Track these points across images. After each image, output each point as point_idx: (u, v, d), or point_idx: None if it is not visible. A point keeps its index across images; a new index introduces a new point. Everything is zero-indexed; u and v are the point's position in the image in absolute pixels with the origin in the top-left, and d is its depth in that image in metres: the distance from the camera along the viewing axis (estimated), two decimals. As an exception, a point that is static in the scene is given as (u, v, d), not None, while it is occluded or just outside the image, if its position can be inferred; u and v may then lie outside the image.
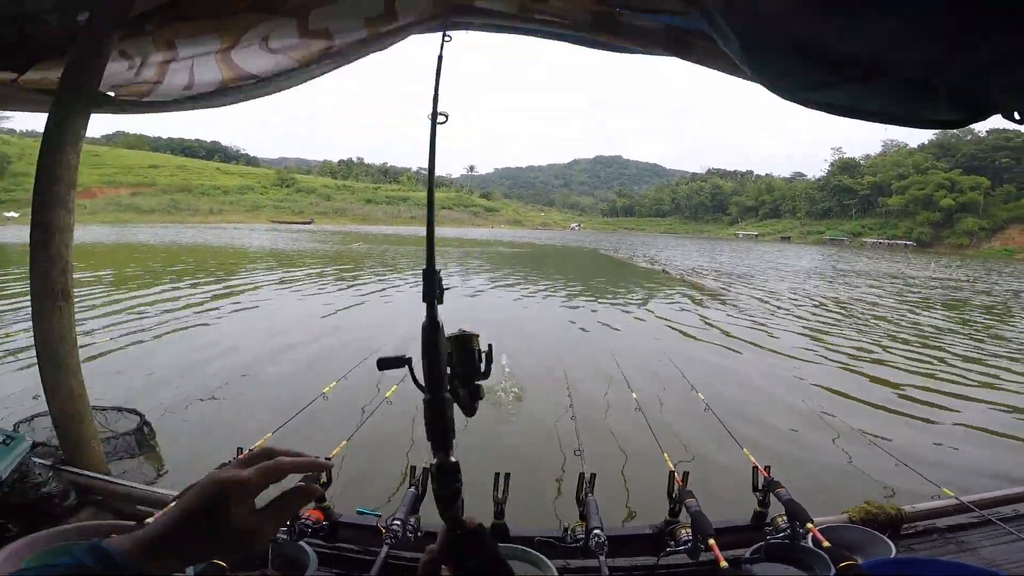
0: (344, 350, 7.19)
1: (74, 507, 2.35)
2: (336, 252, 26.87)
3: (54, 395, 2.47)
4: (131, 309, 9.60)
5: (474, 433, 4.38)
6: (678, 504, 2.21)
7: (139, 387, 5.34)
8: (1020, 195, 76.11)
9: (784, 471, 2.49)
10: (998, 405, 6.19)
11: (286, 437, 2.89)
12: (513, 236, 61.26)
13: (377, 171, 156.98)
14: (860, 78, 1.02)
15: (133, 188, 79.55)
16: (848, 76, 1.03)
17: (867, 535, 2.21)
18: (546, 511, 3.32)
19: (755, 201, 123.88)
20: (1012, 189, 77.73)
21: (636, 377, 5.10)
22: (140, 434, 3.79)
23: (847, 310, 13.59)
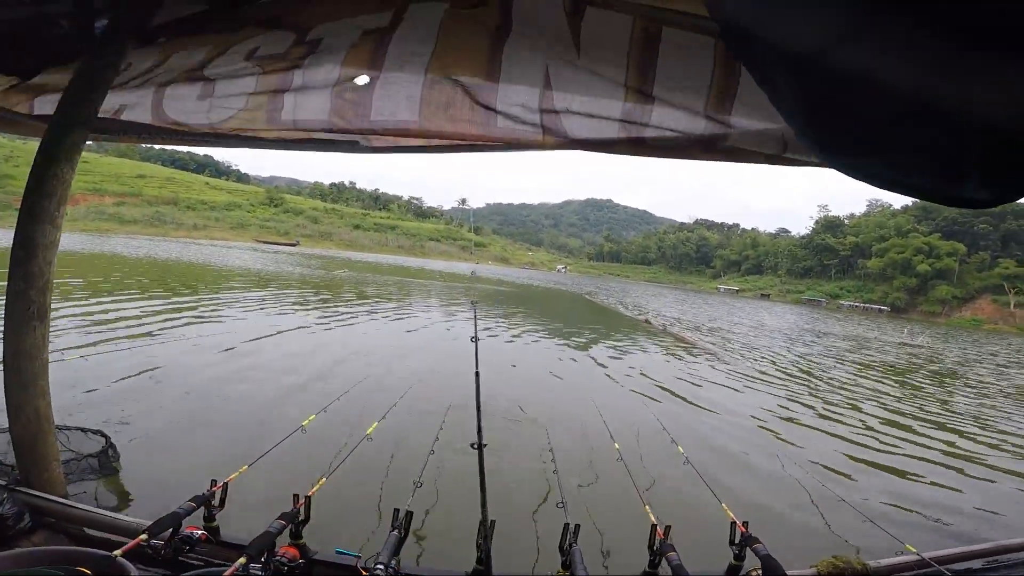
0: (323, 381, 7.05)
1: (27, 530, 2.23)
2: (319, 279, 26.64)
3: (17, 415, 2.37)
4: (104, 321, 9.39)
5: (455, 479, 4.30)
6: (659, 557, 2.23)
7: (101, 406, 5.15)
8: (994, 264, 78.04)
9: (756, 523, 2.49)
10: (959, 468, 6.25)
11: (263, 469, 2.80)
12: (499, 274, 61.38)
13: (368, 197, 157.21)
14: (911, 144, 1.03)
15: (118, 197, 78.51)
16: (900, 142, 1.04)
17: None
18: (528, 559, 3.23)
19: (739, 256, 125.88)
20: (987, 257, 79.74)
21: (617, 427, 5.06)
22: (104, 456, 3.63)
23: (824, 374, 13.73)
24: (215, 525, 2.18)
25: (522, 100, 2.03)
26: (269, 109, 2.26)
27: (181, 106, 2.39)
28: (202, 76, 2.31)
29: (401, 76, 2.07)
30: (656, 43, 1.84)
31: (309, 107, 2.21)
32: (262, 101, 2.25)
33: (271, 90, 2.22)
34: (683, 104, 1.91)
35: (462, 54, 2.01)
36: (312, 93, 2.18)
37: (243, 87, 2.25)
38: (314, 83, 2.16)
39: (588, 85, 1.97)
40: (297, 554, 2.01)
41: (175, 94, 2.40)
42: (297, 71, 2.17)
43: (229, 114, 2.33)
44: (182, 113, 2.41)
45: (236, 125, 2.38)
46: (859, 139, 1.13)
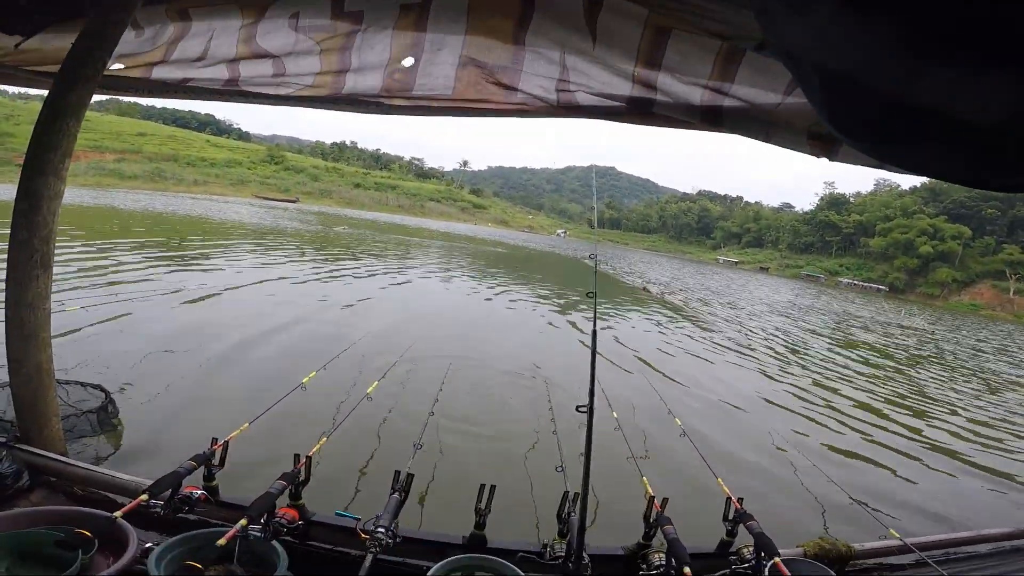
0: (324, 337, 7.06)
1: (25, 489, 2.24)
2: (317, 233, 26.51)
3: (18, 369, 2.36)
4: (98, 275, 9.35)
5: (456, 442, 4.33)
6: (654, 528, 2.25)
7: (102, 359, 5.15)
8: (999, 249, 77.36)
9: (748, 497, 2.53)
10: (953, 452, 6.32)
11: (264, 428, 2.81)
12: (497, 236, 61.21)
13: (369, 156, 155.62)
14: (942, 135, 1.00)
15: (119, 154, 77.49)
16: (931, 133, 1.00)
17: (817, 570, 2.31)
18: (525, 524, 3.27)
19: (740, 228, 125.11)
20: (992, 242, 78.96)
21: (615, 395, 5.08)
22: (103, 412, 3.62)
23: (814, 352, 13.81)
24: (215, 484, 2.19)
25: (541, 83, 2.24)
26: (332, 87, 2.49)
27: (249, 73, 2.54)
28: (266, 52, 2.44)
29: (440, 57, 2.29)
30: (665, 40, 2.00)
31: (364, 84, 2.44)
32: (327, 80, 2.48)
33: (335, 71, 2.43)
34: (683, 93, 2.09)
35: (489, 38, 2.19)
36: (368, 73, 2.41)
37: (310, 67, 2.45)
38: (370, 64, 2.38)
39: (600, 71, 2.17)
40: (297, 516, 2.02)
41: (232, 60, 2.51)
42: (353, 51, 2.36)
43: (293, 90, 2.55)
44: (247, 80, 2.57)
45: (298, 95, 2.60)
46: (889, 131, 1.10)
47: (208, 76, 2.57)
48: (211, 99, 2.73)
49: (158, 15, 2.37)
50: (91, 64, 2.25)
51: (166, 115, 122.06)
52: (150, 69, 2.61)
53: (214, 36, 2.42)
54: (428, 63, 2.31)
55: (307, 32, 2.33)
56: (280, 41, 2.39)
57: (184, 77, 2.59)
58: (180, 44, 2.50)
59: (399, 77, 2.38)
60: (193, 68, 2.55)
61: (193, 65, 2.54)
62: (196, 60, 2.51)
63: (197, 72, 2.56)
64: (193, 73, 2.57)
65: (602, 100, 2.19)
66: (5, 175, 38.31)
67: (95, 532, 1.67)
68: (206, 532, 1.83)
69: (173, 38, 2.48)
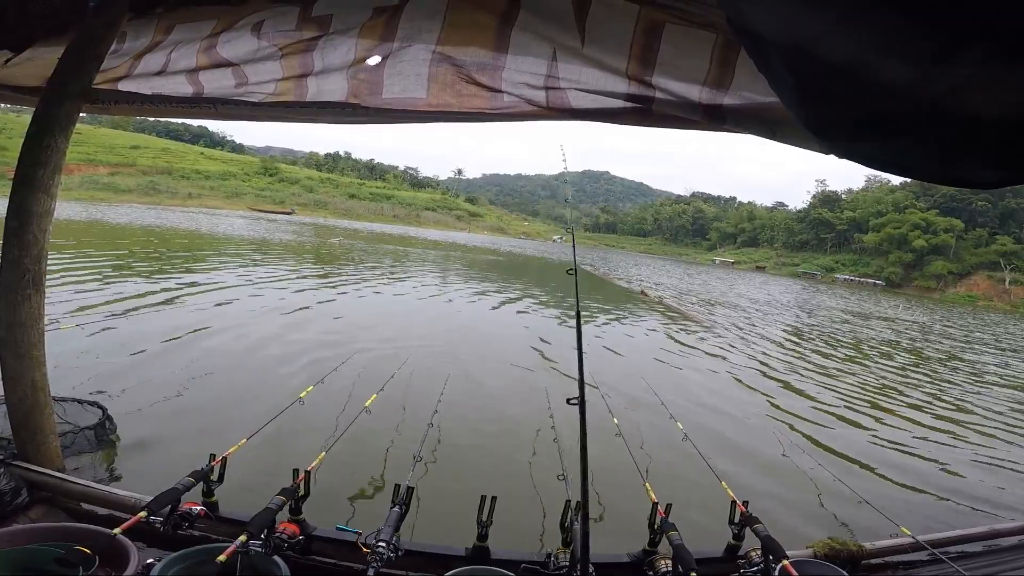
0: (321, 350, 7.03)
1: (24, 505, 2.22)
2: (312, 246, 26.48)
3: (13, 387, 2.35)
4: (93, 292, 9.32)
5: (456, 453, 4.31)
6: (659, 535, 2.24)
7: (100, 375, 5.11)
8: (991, 240, 77.84)
9: (753, 500, 2.51)
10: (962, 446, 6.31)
11: (262, 443, 2.79)
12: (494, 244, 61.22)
13: (363, 167, 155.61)
14: (909, 130, 1.01)
15: (112, 168, 77.49)
16: (897, 128, 1.01)
17: (829, 570, 2.30)
18: (528, 534, 3.24)
19: (735, 228, 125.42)
20: (984, 234, 79.42)
21: (615, 401, 5.07)
22: (100, 429, 3.60)
23: (818, 349, 13.81)
24: (214, 500, 2.17)
25: (527, 80, 2.12)
26: (296, 94, 2.36)
27: (210, 84, 2.44)
28: (226, 61, 2.34)
29: (409, 54, 2.16)
30: (658, 36, 1.92)
31: (328, 89, 2.31)
32: (289, 87, 2.35)
33: (296, 75, 2.31)
34: (681, 92, 2.00)
35: (469, 35, 2.08)
36: (331, 75, 2.28)
37: (271, 72, 2.33)
38: (333, 65, 2.25)
39: (592, 71, 2.07)
40: (297, 530, 2.01)
41: (191, 70, 2.42)
42: (316, 53, 2.24)
43: (259, 98, 2.42)
44: (210, 91, 2.46)
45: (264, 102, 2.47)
46: (857, 124, 1.11)
47: (173, 89, 2.50)
48: (187, 115, 2.69)
49: (147, 28, 2.34)
50: (78, 79, 2.25)
51: (159, 128, 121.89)
52: (116, 83, 2.56)
53: (175, 49, 2.37)
54: (396, 61, 2.19)
55: (270, 39, 2.24)
56: (241, 49, 2.31)
57: (151, 91, 2.52)
58: (144, 58, 2.45)
59: (364, 78, 2.26)
60: (156, 81, 2.49)
61: (155, 79, 2.48)
62: (157, 73, 2.46)
63: (161, 85, 2.49)
64: (158, 86, 2.50)
65: (597, 99, 2.10)
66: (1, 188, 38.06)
67: (95, 549, 1.66)
68: (206, 548, 1.81)
69: (138, 52, 2.44)
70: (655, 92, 2.02)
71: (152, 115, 2.77)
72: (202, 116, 2.67)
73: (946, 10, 0.76)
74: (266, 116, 2.58)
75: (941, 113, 0.95)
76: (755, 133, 1.99)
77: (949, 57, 0.82)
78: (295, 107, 2.44)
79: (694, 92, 1.97)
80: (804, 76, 1.07)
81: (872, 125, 1.06)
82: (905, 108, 0.98)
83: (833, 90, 1.01)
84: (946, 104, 0.92)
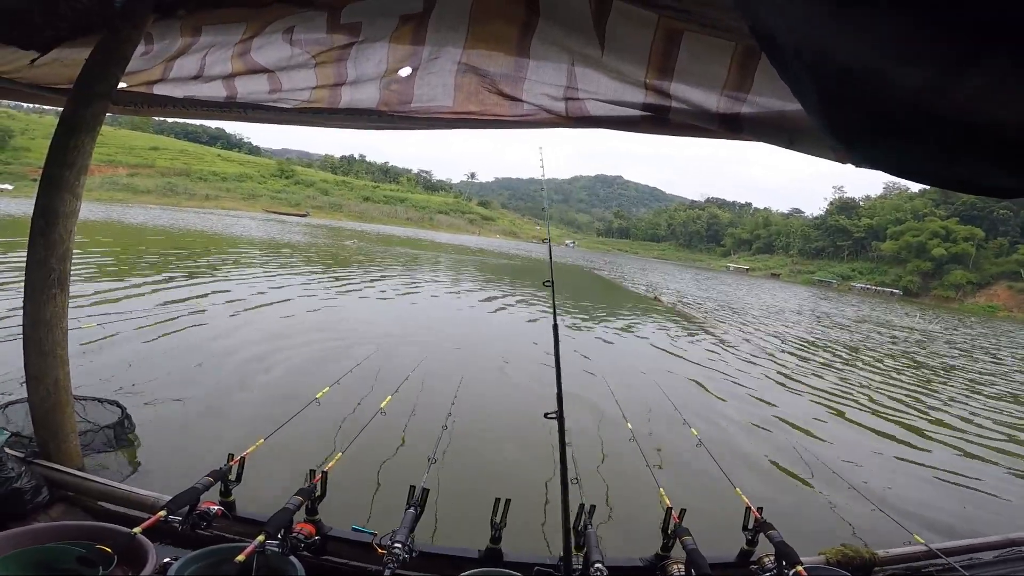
0: (337, 351, 7.08)
1: (45, 504, 2.25)
2: (327, 248, 26.65)
3: (36, 385, 2.39)
4: (112, 292, 9.45)
5: (469, 456, 4.31)
6: (672, 540, 2.23)
7: (118, 375, 5.18)
8: (1013, 250, 76.36)
9: (767, 506, 2.48)
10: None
11: (279, 443, 2.81)
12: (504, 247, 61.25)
13: (378, 170, 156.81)
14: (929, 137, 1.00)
15: (132, 168, 78.89)
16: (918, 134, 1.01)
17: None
18: (540, 538, 3.24)
19: (750, 235, 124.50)
20: (1005, 243, 77.99)
21: (629, 407, 5.04)
22: (120, 428, 3.64)
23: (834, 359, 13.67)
24: (232, 500, 2.19)
25: (548, 91, 2.17)
26: (329, 101, 2.45)
27: (244, 89, 2.53)
28: (261, 67, 2.42)
29: (437, 65, 2.23)
30: (677, 44, 1.93)
31: (361, 98, 2.40)
32: (323, 95, 2.43)
33: (331, 84, 2.39)
34: (698, 100, 2.00)
35: (491, 45, 2.13)
36: (364, 85, 2.36)
37: (306, 81, 2.41)
38: (366, 75, 2.33)
39: (610, 80, 2.10)
40: (313, 531, 2.02)
41: (228, 76, 2.51)
42: (349, 62, 2.31)
43: (292, 104, 2.51)
44: (243, 95, 2.55)
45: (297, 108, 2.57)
46: (877, 130, 1.10)
47: (207, 93, 2.57)
48: (215, 117, 2.77)
49: (172, 30, 2.38)
50: (104, 80, 2.28)
51: (177, 129, 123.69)
52: (151, 87, 2.63)
53: (210, 53, 2.42)
54: (426, 72, 2.26)
55: (303, 46, 2.30)
56: (275, 55, 2.36)
57: (185, 95, 2.60)
58: (178, 61, 2.51)
59: (396, 88, 2.33)
60: (191, 85, 2.56)
61: (192, 83, 2.55)
62: (194, 77, 2.52)
63: (196, 89, 2.56)
64: (193, 91, 2.58)
65: (615, 109, 2.12)
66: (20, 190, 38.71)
67: (115, 548, 1.68)
68: (224, 548, 1.83)
69: (172, 55, 2.49)
70: (672, 102, 2.03)
71: (179, 116, 2.83)
72: (230, 119, 2.74)
73: (965, 15, 0.76)
74: (295, 121, 2.65)
75: (963, 120, 0.94)
76: (772, 142, 1.99)
77: (970, 66, 0.81)
78: (324, 113, 2.51)
79: (712, 100, 1.98)
80: (824, 80, 1.06)
81: (893, 131, 1.05)
82: (926, 113, 0.97)
83: (854, 95, 1.01)
84: (968, 111, 0.91)
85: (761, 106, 1.92)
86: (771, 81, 1.87)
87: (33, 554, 1.69)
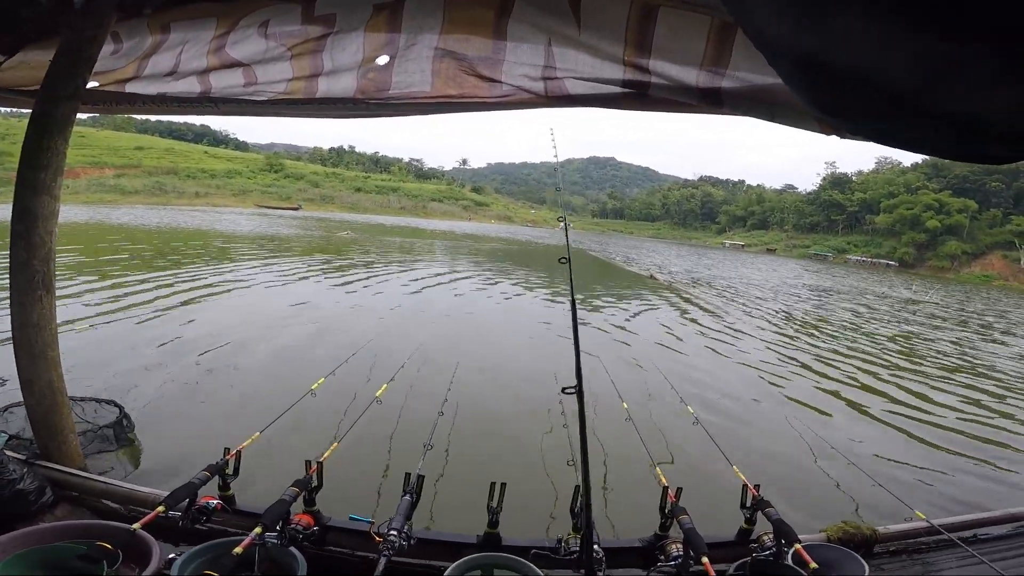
0: (332, 342, 7.08)
1: (49, 504, 2.27)
2: (320, 239, 26.55)
3: (31, 388, 2.39)
4: (102, 291, 9.41)
5: (466, 441, 4.33)
6: (670, 519, 2.24)
7: (112, 375, 5.18)
8: (1006, 221, 76.51)
9: (764, 483, 2.50)
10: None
11: (275, 436, 2.83)
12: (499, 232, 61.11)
13: (368, 160, 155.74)
14: (913, 111, 1.00)
15: (118, 169, 78.01)
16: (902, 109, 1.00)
17: (843, 554, 2.28)
18: (538, 520, 3.28)
19: (744, 211, 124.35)
20: (999, 214, 78.12)
21: (625, 385, 5.06)
22: (119, 427, 3.66)
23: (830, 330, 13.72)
24: (230, 494, 2.21)
25: (526, 72, 2.17)
26: (305, 92, 2.43)
27: (219, 83, 2.50)
28: (236, 61, 2.39)
29: (414, 52, 2.22)
30: (653, 19, 1.92)
31: (337, 87, 2.38)
32: (300, 86, 2.42)
33: (307, 75, 2.38)
34: (677, 75, 2.00)
35: (468, 30, 2.13)
36: (341, 75, 2.35)
37: (282, 73, 2.39)
38: (343, 65, 2.32)
39: (589, 58, 2.09)
40: (312, 521, 2.04)
41: (202, 71, 2.48)
42: (325, 53, 2.30)
43: (267, 97, 2.49)
44: (217, 90, 2.53)
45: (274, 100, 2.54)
46: (866, 105, 1.09)
47: (181, 89, 2.55)
48: (188, 112, 2.74)
49: (139, 29, 2.36)
50: (71, 81, 2.26)
51: (161, 128, 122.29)
52: (123, 85, 2.60)
53: (184, 49, 2.40)
54: (403, 59, 2.25)
55: (278, 39, 2.29)
56: (250, 49, 2.35)
57: (158, 92, 2.57)
58: (152, 59, 2.48)
59: (373, 77, 2.32)
60: (166, 82, 2.53)
61: (165, 80, 2.52)
62: (168, 74, 2.50)
63: (170, 86, 2.54)
64: (166, 88, 2.55)
65: (594, 86, 2.12)
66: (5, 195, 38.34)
67: (117, 544, 1.69)
68: (224, 542, 1.85)
69: (145, 53, 2.46)
70: (651, 77, 2.03)
71: (152, 113, 2.80)
72: (204, 113, 2.71)
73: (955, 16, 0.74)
74: (270, 112, 2.62)
75: (955, 96, 0.93)
76: (753, 115, 1.99)
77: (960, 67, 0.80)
78: (299, 104, 2.48)
79: (691, 76, 1.97)
80: (804, 61, 1.05)
81: (881, 105, 1.04)
82: (916, 92, 0.96)
83: (839, 76, 1.00)
84: (960, 92, 0.90)
85: (741, 80, 1.91)
86: (750, 55, 1.86)
87: (39, 554, 1.70)
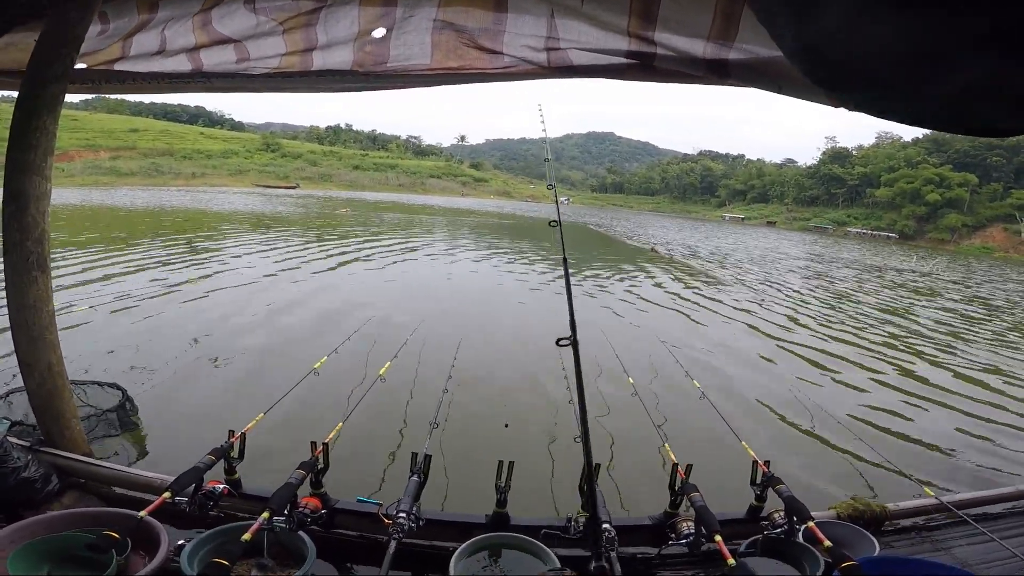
0: (333, 320, 7.05)
1: (56, 492, 2.24)
2: (319, 217, 26.39)
3: (31, 372, 2.35)
4: (101, 272, 9.35)
5: (472, 419, 4.32)
6: (680, 497, 2.22)
7: (113, 358, 5.15)
8: (1006, 194, 76.15)
9: (774, 460, 2.47)
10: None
11: (279, 417, 2.80)
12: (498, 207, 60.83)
13: (365, 138, 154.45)
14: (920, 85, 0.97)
15: (113, 151, 77.47)
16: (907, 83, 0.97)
17: (853, 532, 2.27)
18: (546, 498, 3.27)
19: (744, 185, 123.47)
20: (999, 188, 77.70)
21: (630, 360, 5.03)
22: (122, 411, 3.63)
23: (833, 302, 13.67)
24: (236, 477, 2.18)
25: (528, 43, 2.11)
26: (300, 66, 2.35)
27: (210, 60, 2.42)
28: (226, 38, 2.30)
29: (412, 24, 2.15)
30: None
31: (334, 61, 2.30)
32: (294, 61, 2.34)
33: (300, 50, 2.29)
34: (684, 47, 1.94)
35: (467, 2, 2.07)
36: (336, 49, 2.27)
37: (274, 48, 2.31)
38: (338, 39, 2.23)
39: (593, 29, 2.03)
40: (319, 504, 2.02)
41: (191, 49, 2.39)
42: (319, 27, 2.21)
43: (263, 71, 2.40)
44: (209, 67, 2.44)
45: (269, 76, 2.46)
46: (868, 80, 1.06)
47: (171, 68, 2.47)
48: (180, 90, 2.66)
49: (127, 7, 2.28)
50: (58, 62, 2.20)
51: (156, 109, 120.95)
52: (111, 65, 2.52)
53: (167, 27, 2.31)
54: (401, 32, 2.18)
55: (267, 13, 2.20)
56: (239, 25, 2.26)
57: (148, 71, 2.50)
58: (136, 38, 2.40)
59: (371, 50, 2.24)
60: (154, 61, 2.45)
61: (154, 59, 2.44)
62: (156, 53, 2.42)
63: (159, 65, 2.46)
64: (156, 66, 2.47)
65: (599, 57, 2.07)
66: (3, 180, 38.00)
67: (124, 532, 1.67)
68: (234, 527, 1.82)
69: (130, 32, 2.38)
70: (657, 48, 1.97)
71: (143, 92, 2.72)
72: (196, 90, 2.64)
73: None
74: (264, 88, 2.55)
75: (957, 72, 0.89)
76: (760, 87, 1.94)
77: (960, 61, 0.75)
78: (295, 77, 2.40)
79: (698, 47, 1.92)
80: (809, 28, 1.02)
81: (884, 79, 1.00)
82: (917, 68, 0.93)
83: (841, 53, 0.97)
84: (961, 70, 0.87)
85: (749, 52, 1.86)
86: (757, 28, 1.80)
87: (48, 543, 1.68)
